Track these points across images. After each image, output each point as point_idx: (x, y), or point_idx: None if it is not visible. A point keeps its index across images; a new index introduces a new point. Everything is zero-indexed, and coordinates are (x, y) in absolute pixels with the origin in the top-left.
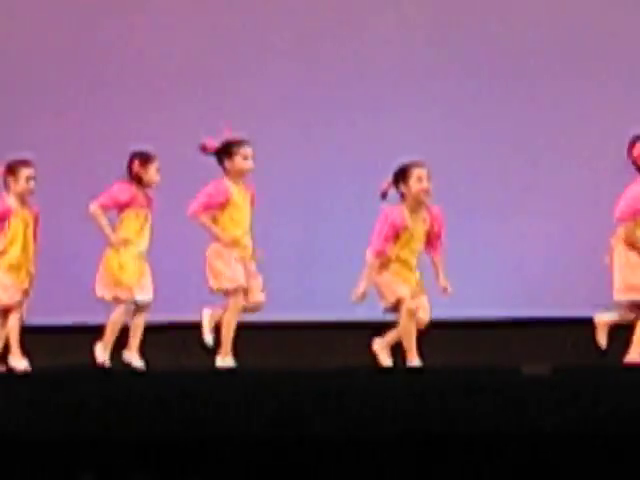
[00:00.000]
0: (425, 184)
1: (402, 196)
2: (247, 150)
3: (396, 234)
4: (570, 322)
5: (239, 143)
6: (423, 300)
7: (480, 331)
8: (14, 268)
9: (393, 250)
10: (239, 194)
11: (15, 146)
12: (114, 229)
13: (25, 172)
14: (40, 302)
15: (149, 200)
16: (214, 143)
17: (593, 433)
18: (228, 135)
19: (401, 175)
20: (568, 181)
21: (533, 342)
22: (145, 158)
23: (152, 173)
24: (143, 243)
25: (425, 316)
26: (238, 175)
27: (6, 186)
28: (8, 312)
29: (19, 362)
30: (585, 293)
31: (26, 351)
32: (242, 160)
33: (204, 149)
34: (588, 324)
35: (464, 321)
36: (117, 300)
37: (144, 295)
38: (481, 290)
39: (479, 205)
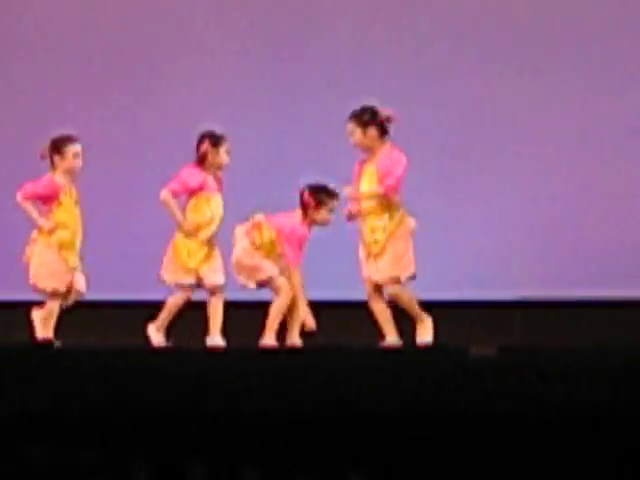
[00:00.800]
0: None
1: None
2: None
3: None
4: (517, 303)
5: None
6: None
7: (429, 311)
8: (65, 247)
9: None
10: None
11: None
12: (184, 214)
13: (72, 149)
14: None
15: (219, 182)
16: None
17: (540, 414)
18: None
19: None
20: (522, 165)
21: (480, 323)
22: (216, 139)
23: (222, 155)
24: (214, 227)
25: (375, 276)
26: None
27: (52, 164)
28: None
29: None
30: (532, 274)
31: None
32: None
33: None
34: (536, 305)
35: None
36: (180, 286)
37: (216, 278)
38: (428, 271)
39: (428, 188)
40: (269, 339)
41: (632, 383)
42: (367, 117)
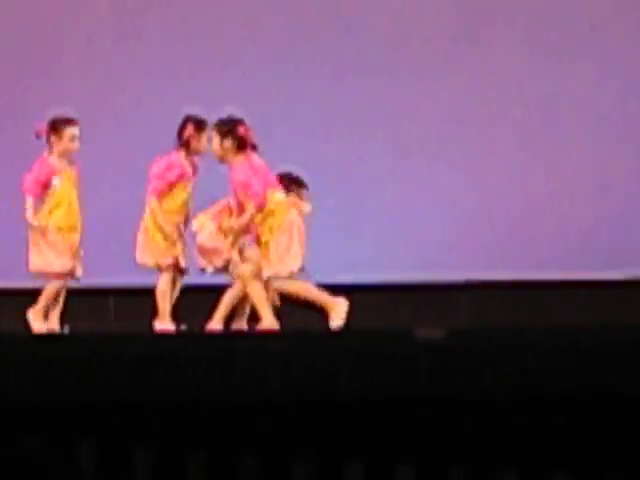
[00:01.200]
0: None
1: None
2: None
3: None
4: (466, 285)
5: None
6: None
7: (375, 294)
8: (62, 230)
9: None
10: None
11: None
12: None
13: (69, 131)
14: None
15: (195, 169)
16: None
17: (486, 398)
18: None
19: None
20: (466, 144)
21: (427, 306)
22: (200, 124)
23: (204, 141)
24: (186, 213)
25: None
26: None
27: (49, 145)
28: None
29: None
30: (480, 256)
31: None
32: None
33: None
34: (483, 287)
35: (358, 284)
36: (160, 267)
37: (185, 262)
38: (373, 254)
39: (376, 169)
40: (217, 324)
41: (579, 363)
42: (226, 128)
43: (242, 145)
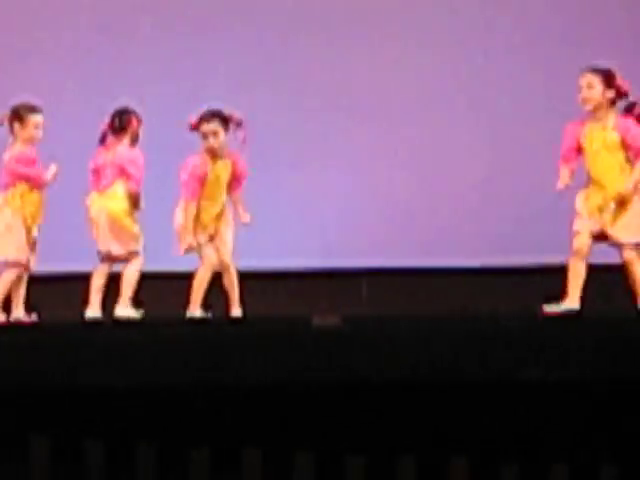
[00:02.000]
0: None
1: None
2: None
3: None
4: (365, 272)
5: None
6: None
7: (274, 281)
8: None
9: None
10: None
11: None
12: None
13: (33, 118)
14: None
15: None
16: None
17: (384, 384)
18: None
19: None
20: (367, 133)
21: (325, 293)
22: (139, 116)
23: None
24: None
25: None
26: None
27: (13, 133)
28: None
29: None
30: (380, 243)
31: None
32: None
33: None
34: (383, 274)
35: (260, 271)
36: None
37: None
38: (274, 241)
39: (277, 155)
40: (195, 310)
41: (476, 349)
42: None
43: None
